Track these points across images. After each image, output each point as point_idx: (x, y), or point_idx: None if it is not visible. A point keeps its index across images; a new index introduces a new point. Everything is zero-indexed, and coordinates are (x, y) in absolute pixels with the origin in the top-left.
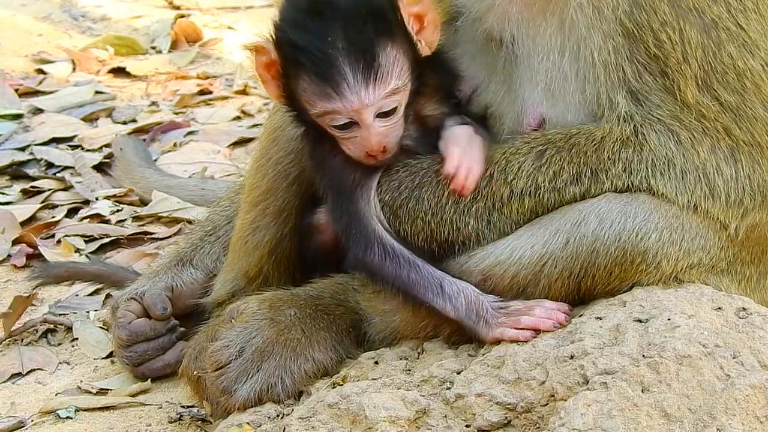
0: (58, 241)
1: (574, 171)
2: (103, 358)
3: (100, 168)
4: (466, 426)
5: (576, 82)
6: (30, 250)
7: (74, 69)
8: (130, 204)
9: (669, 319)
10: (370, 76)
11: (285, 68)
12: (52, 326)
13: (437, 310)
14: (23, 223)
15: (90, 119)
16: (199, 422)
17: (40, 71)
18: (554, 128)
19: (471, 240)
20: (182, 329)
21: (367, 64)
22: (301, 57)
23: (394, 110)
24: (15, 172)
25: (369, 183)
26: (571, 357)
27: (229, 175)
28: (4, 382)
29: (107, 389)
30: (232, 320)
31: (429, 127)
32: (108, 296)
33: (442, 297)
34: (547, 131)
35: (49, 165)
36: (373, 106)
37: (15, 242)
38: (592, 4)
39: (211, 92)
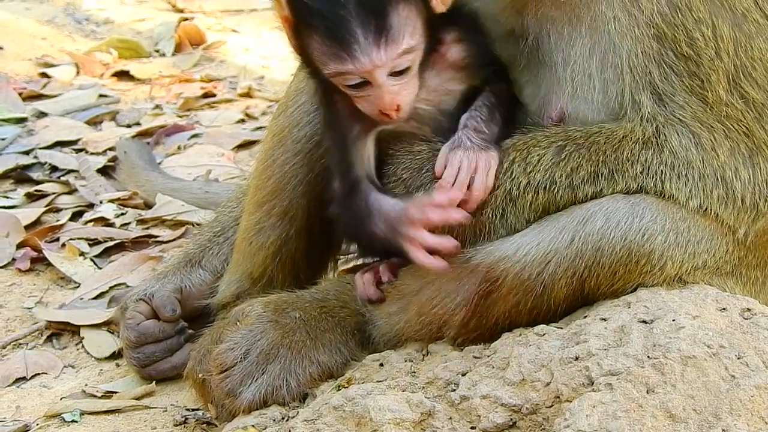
0: (63, 245)
1: (591, 170)
2: (106, 359)
3: (105, 171)
4: (471, 428)
5: (600, 83)
6: (34, 254)
7: (78, 72)
8: (135, 207)
9: (674, 320)
10: (381, 36)
11: (297, 26)
12: (56, 330)
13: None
14: (27, 227)
15: (94, 123)
16: (204, 425)
17: (44, 75)
18: (574, 124)
19: (483, 232)
20: (191, 331)
21: (378, 24)
22: (311, 18)
23: (407, 69)
24: (19, 175)
25: (368, 136)
26: (576, 358)
27: (233, 177)
28: (8, 386)
29: (112, 392)
30: (237, 323)
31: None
32: (112, 299)
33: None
34: (567, 127)
35: (53, 168)
36: (385, 67)
37: (19, 246)
38: (627, 10)
39: (214, 95)
